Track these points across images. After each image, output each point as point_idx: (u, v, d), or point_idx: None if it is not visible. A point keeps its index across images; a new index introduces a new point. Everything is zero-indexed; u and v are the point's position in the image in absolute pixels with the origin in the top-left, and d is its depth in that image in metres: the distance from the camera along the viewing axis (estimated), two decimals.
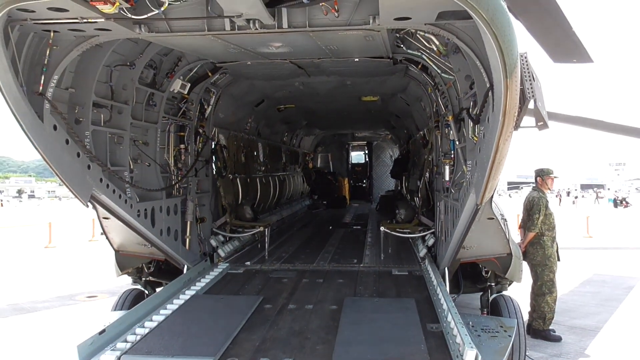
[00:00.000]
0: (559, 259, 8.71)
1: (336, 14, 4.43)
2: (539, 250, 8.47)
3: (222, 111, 9.74)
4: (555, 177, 9.02)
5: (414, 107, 10.96)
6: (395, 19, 4.31)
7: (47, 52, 4.63)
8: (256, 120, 12.54)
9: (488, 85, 4.63)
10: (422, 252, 8.71)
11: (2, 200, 63.87)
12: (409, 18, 4.26)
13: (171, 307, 6.34)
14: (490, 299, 7.48)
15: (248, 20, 4.37)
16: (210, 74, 7.98)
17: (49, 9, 3.90)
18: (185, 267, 7.82)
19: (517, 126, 4.83)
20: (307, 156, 22.02)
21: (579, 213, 36.44)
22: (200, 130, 8.65)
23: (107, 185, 5.72)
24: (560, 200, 62.55)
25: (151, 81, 6.79)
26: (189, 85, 7.64)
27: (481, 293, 7.67)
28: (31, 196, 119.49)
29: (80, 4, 3.81)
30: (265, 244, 9.64)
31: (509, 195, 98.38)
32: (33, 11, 3.99)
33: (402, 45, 6.65)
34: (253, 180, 12.42)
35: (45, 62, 4.66)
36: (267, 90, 10.53)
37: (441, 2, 3.45)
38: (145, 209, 6.69)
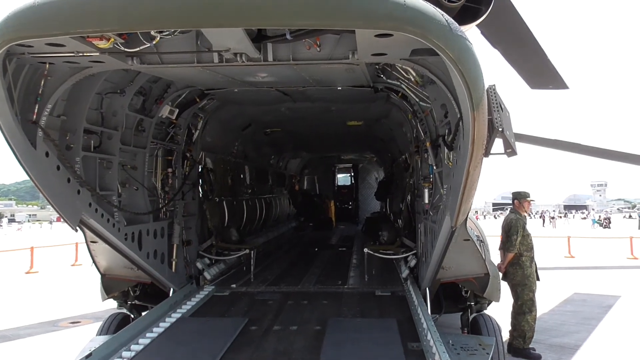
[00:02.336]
0: (538, 279, 8.95)
1: (318, 48, 4.70)
2: (519, 270, 8.70)
3: (210, 135, 9.92)
4: (531, 200, 9.36)
5: (397, 132, 11.29)
6: (373, 55, 4.58)
7: (42, 83, 4.81)
8: (243, 144, 12.75)
9: (459, 115, 4.93)
10: (405, 273, 8.90)
11: None
12: (385, 54, 4.54)
13: (157, 330, 6.41)
14: (470, 318, 7.70)
15: (235, 54, 4.60)
16: (198, 99, 8.17)
17: (47, 44, 4.09)
18: (172, 290, 7.89)
19: (487, 153, 5.12)
20: (294, 178, 22.24)
21: (560, 233, 37.01)
22: (188, 154, 8.81)
23: (96, 210, 5.84)
24: (543, 221, 63.20)
25: (140, 107, 6.97)
26: (177, 110, 7.82)
27: (461, 313, 7.88)
28: (11, 220, 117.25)
29: (77, 40, 4.01)
30: (251, 266, 9.75)
31: (494, 216, 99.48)
32: (31, 46, 4.18)
33: (382, 75, 6.96)
34: (239, 202, 12.56)
35: (40, 92, 4.83)
36: (254, 115, 10.77)
37: (413, 41, 3.71)
38: (133, 233, 6.80)
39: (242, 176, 13.30)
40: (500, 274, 8.51)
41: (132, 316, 7.92)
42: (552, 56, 12.03)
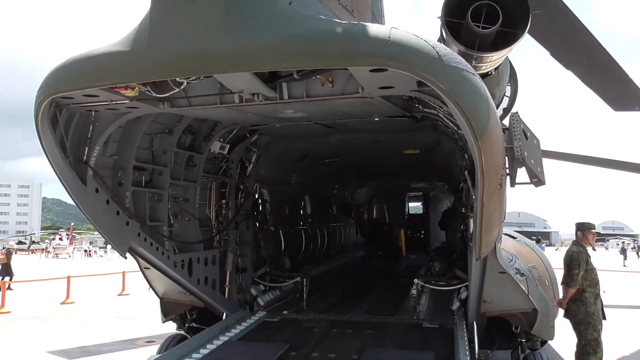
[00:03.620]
0: (604, 318, 8.30)
1: (331, 85, 4.92)
2: (581, 308, 8.12)
3: (264, 168, 10.44)
4: (596, 232, 8.78)
5: (451, 160, 11.14)
6: (380, 88, 4.66)
7: (91, 128, 5.58)
8: (301, 175, 13.18)
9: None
10: (455, 305, 8.66)
11: (90, 251, 68.91)
12: (392, 87, 4.58)
13: (203, 352, 6.86)
14: (521, 356, 7.30)
15: (252, 94, 5.01)
16: (248, 135, 8.71)
17: (84, 95, 4.78)
18: (225, 314, 8.36)
19: (512, 183, 5.02)
20: (362, 207, 22.33)
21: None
22: (242, 187, 9.35)
23: (145, 239, 6.48)
24: (625, 256, 52.78)
25: (190, 144, 7.62)
26: (228, 146, 8.39)
27: (512, 350, 7.51)
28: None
29: (107, 91, 4.66)
30: (304, 294, 10.00)
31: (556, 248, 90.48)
32: (72, 98, 4.89)
33: (418, 105, 7.03)
34: (297, 232, 12.93)
35: (89, 135, 5.60)
36: (308, 147, 11.17)
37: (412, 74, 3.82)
38: (183, 260, 7.37)
39: (301, 206, 13.71)
40: (559, 311, 8.03)
41: (189, 337, 8.47)
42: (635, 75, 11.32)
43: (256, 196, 10.21)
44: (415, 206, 26.26)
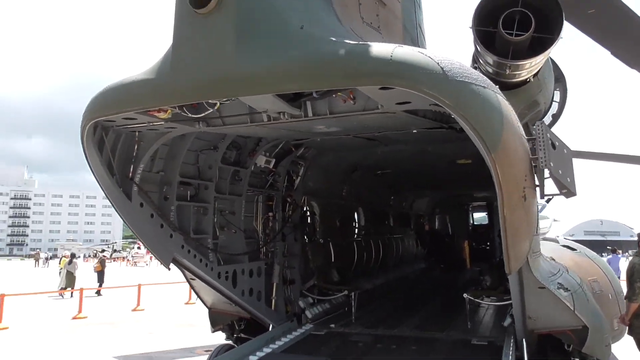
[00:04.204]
0: None
1: (353, 101, 4.93)
2: None
3: (312, 180, 10.51)
4: None
5: None
6: (397, 104, 4.60)
7: (136, 147, 5.94)
8: (353, 186, 13.13)
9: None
10: (507, 321, 8.22)
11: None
12: (408, 102, 4.51)
13: None
14: None
15: (278, 113, 5.12)
16: (294, 149, 8.83)
17: (123, 118, 5.12)
18: (271, 326, 8.47)
19: (542, 194, 4.73)
20: (422, 218, 21.81)
21: None
22: (289, 199, 9.47)
23: (189, 251, 6.73)
24: None
25: (235, 160, 7.85)
26: (274, 160, 8.55)
27: None
28: None
29: (142, 114, 4.95)
30: (352, 307, 9.91)
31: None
32: (114, 121, 5.27)
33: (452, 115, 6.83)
34: (349, 243, 12.85)
35: (134, 154, 5.96)
36: (356, 159, 11.12)
37: (417, 91, 3.75)
38: (227, 272, 7.57)
39: (353, 218, 13.62)
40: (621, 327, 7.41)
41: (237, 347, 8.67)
42: None
43: (304, 208, 10.29)
44: (480, 216, 25.24)
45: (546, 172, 4.63)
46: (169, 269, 6.74)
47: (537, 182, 4.67)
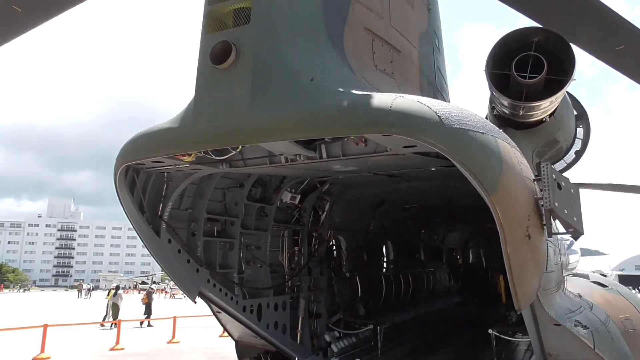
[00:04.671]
0: None
1: (364, 144, 5.21)
2: None
3: (338, 215, 10.74)
4: None
5: None
6: (404, 147, 4.82)
7: (165, 187, 6.40)
8: (381, 220, 13.25)
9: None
10: (533, 358, 8.08)
11: None
12: (414, 146, 4.66)
13: None
14: None
15: (295, 155, 5.46)
16: (319, 185, 9.14)
17: (152, 162, 5.58)
18: (297, 359, 8.61)
19: (550, 233, 4.83)
20: (455, 252, 21.53)
21: None
22: (315, 234, 9.72)
23: (214, 285, 7.06)
24: None
25: (260, 196, 8.22)
26: (299, 196, 8.87)
27: None
28: None
29: (169, 157, 5.40)
30: (378, 342, 9.93)
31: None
32: (143, 164, 5.74)
33: None
34: (376, 277, 12.89)
35: (163, 193, 6.41)
36: (381, 195, 11.29)
37: (415, 138, 4.02)
38: (252, 305, 7.83)
39: (381, 251, 13.68)
40: None
41: None
42: None
43: (330, 242, 10.49)
44: None
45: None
46: (195, 302, 7.06)
47: (544, 222, 4.78)
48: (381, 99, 4.11)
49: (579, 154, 9.88)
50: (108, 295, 32.43)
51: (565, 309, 5.97)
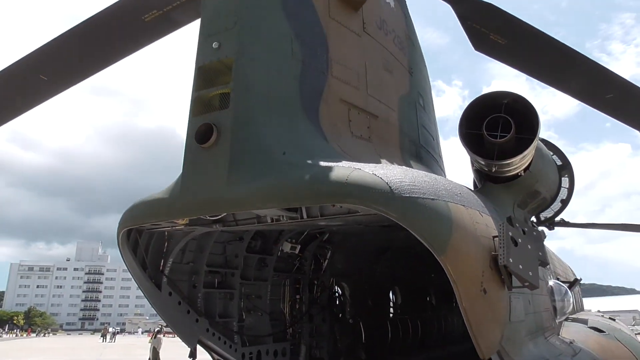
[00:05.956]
0: None
1: (339, 206, 5.73)
2: None
3: (341, 262, 11.06)
4: None
5: None
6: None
7: (165, 245, 7.01)
8: (386, 266, 13.47)
9: None
10: None
11: None
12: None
13: None
14: None
15: (279, 216, 6.01)
16: (318, 235, 9.59)
17: (152, 224, 6.21)
18: None
19: (509, 287, 5.21)
20: None
21: None
22: (316, 282, 10.10)
23: (214, 334, 7.51)
24: None
25: (260, 248, 8.72)
26: (299, 246, 9.31)
27: None
28: None
29: (167, 221, 6.04)
30: None
31: None
32: (143, 226, 6.37)
33: None
34: (382, 322, 13.03)
35: (164, 250, 7.02)
36: (384, 241, 11.63)
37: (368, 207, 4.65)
38: (251, 353, 8.20)
39: (387, 296, 13.84)
40: None
41: None
42: None
43: (333, 289, 10.82)
44: None
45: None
46: (194, 351, 7.51)
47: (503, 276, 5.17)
48: (339, 172, 4.69)
49: (564, 203, 10.24)
50: (150, 339, 32.89)
51: (539, 357, 6.20)
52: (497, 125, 6.87)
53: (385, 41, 7.50)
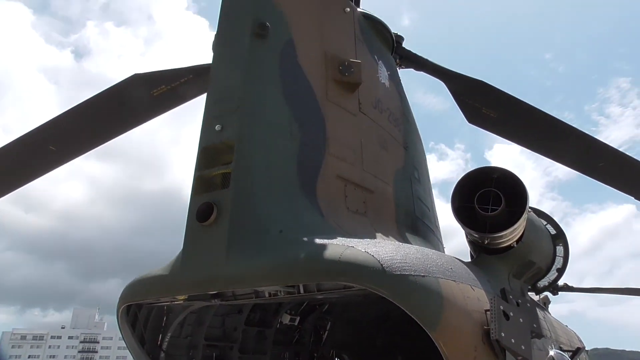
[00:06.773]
0: None
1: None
2: None
3: (342, 333, 10.93)
4: None
5: None
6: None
7: (164, 319, 7.06)
8: (389, 335, 13.21)
9: None
10: None
11: None
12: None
13: None
14: None
15: (277, 291, 6.13)
16: (318, 306, 9.58)
17: (152, 299, 6.31)
18: None
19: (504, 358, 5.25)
20: None
21: None
22: (316, 355, 9.95)
23: None
24: None
25: (259, 320, 8.70)
26: (299, 318, 9.29)
27: None
28: None
29: (166, 297, 6.14)
30: None
31: None
32: (143, 302, 6.46)
33: None
34: None
35: (163, 324, 7.07)
36: (385, 311, 11.51)
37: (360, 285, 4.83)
38: None
39: None
40: None
41: None
42: None
43: None
44: None
45: None
46: None
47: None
48: (333, 250, 4.90)
49: (560, 271, 10.35)
50: None
51: None
52: (488, 199, 7.13)
53: (380, 119, 7.91)
